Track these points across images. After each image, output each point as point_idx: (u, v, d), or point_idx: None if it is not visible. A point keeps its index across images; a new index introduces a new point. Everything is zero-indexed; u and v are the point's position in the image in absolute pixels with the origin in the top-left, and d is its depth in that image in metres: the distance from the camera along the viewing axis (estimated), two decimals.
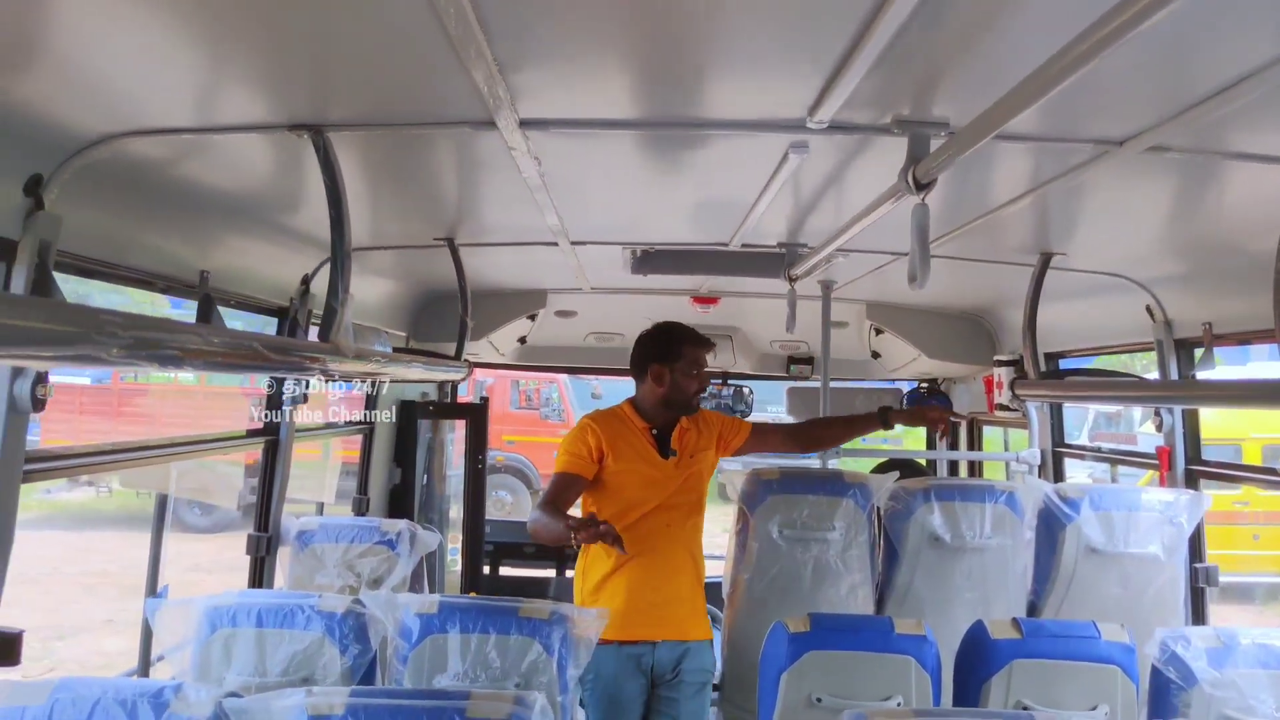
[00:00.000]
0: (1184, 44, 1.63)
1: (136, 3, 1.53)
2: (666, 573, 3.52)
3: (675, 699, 3.50)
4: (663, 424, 3.63)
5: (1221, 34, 1.58)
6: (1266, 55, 1.63)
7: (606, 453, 3.53)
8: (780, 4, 1.56)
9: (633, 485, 3.53)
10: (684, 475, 3.59)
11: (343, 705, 1.92)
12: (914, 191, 2.05)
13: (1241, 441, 12.32)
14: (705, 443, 3.67)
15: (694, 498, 3.64)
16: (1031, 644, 2.79)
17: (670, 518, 3.56)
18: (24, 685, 1.98)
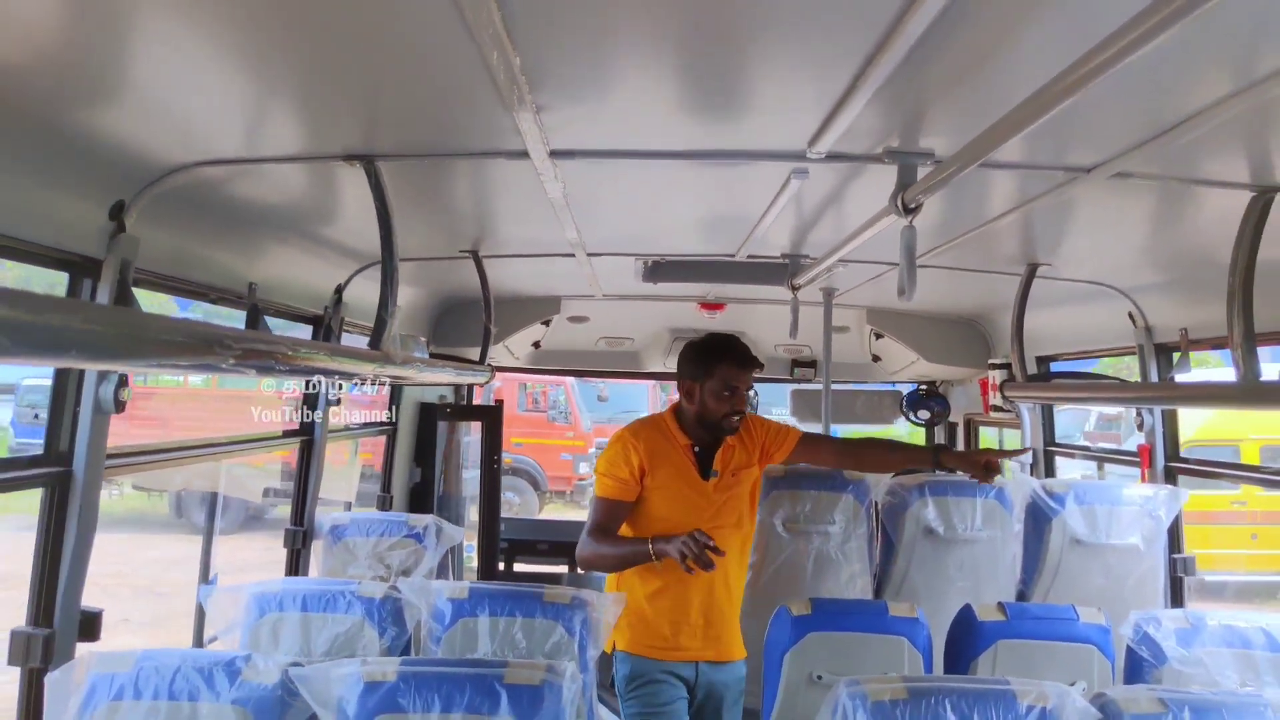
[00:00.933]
0: (1144, 83, 1.85)
1: (214, 47, 1.76)
2: (706, 595, 3.39)
3: (716, 711, 3.45)
4: (707, 441, 3.46)
5: (1177, 74, 1.80)
6: (1216, 94, 1.86)
7: (646, 471, 3.40)
8: (785, 51, 1.79)
9: (669, 505, 3.39)
10: (725, 497, 3.43)
11: (394, 673, 2.16)
12: (902, 215, 2.29)
13: (1240, 442, 12.51)
14: (748, 459, 3.51)
15: (735, 518, 3.46)
16: (1015, 625, 3.02)
17: (716, 540, 3.27)
18: (111, 655, 2.22)
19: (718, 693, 3.43)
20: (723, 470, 3.43)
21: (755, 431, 3.54)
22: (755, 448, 3.52)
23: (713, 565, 3.07)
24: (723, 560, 3.26)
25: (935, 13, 1.46)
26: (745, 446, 3.50)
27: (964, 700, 2.16)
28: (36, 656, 2.29)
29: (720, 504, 3.42)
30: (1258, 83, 1.72)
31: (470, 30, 1.57)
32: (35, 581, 2.36)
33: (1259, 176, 2.38)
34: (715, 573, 3.28)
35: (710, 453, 3.44)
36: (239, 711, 2.15)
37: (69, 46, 1.71)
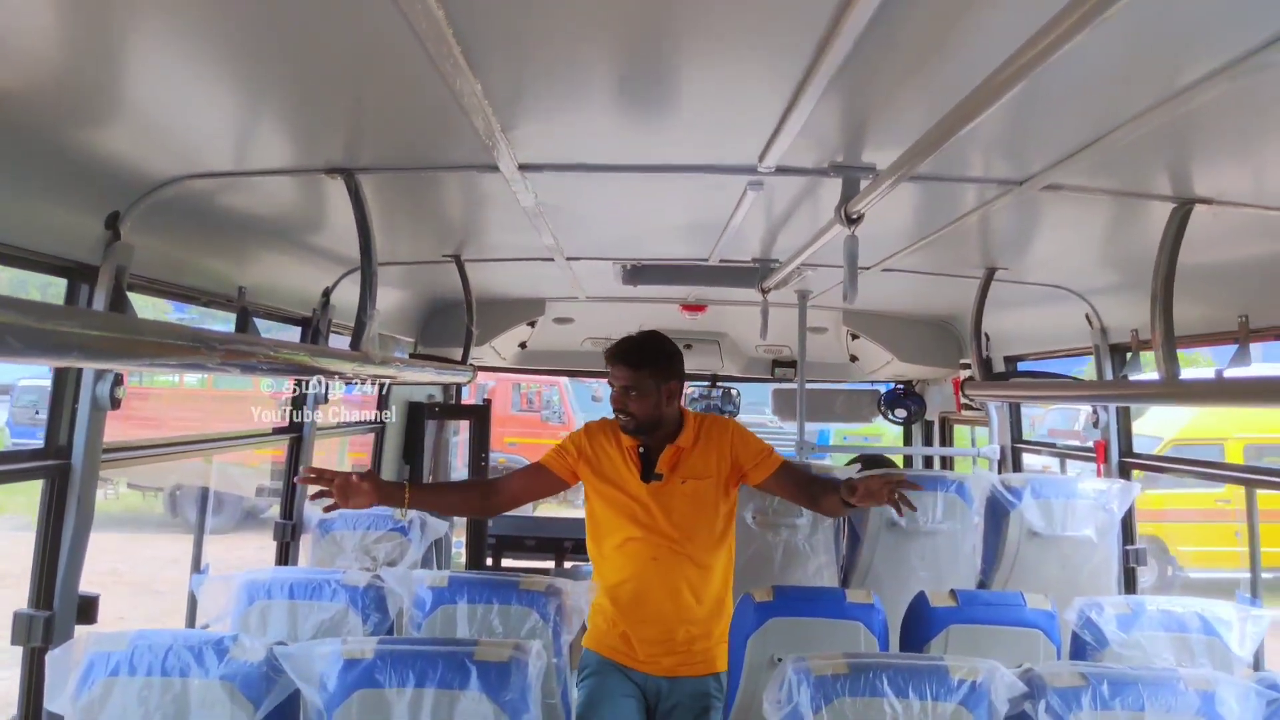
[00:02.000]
0: (1068, 101, 2.00)
1: (203, 68, 1.91)
2: (662, 610, 3.28)
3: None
4: (655, 442, 3.35)
5: (1098, 93, 1.95)
6: (1133, 110, 2.01)
7: (590, 468, 3.36)
8: (727, 73, 1.94)
9: (608, 507, 3.34)
10: (673, 503, 3.30)
11: (372, 650, 2.33)
12: (846, 225, 2.46)
13: (1224, 441, 12.69)
14: (709, 468, 3.34)
15: (692, 528, 3.30)
16: (966, 611, 3.18)
17: (658, 551, 3.28)
18: (107, 635, 2.38)
19: (677, 708, 3.30)
20: (668, 473, 3.31)
21: (729, 441, 3.37)
22: (723, 458, 3.35)
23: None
24: (677, 573, 3.22)
25: (858, 35, 1.57)
26: (705, 454, 3.34)
27: (900, 675, 2.32)
28: (38, 636, 2.47)
29: (664, 508, 3.29)
30: (1170, 99, 1.85)
31: (432, 60, 1.73)
32: (36, 567, 2.53)
33: (1178, 190, 2.55)
34: (678, 581, 3.23)
35: (657, 454, 3.33)
36: (227, 687, 2.31)
37: (67, 69, 1.86)
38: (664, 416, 3.33)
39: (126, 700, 2.28)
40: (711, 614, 3.34)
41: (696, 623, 3.31)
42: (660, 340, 3.45)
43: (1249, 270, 3.12)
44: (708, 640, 3.34)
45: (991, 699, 2.32)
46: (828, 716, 2.28)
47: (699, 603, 3.31)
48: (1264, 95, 1.83)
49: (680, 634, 3.30)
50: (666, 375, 3.34)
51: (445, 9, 1.53)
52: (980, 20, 1.58)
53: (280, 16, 1.64)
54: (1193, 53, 1.69)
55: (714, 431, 3.38)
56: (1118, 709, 2.31)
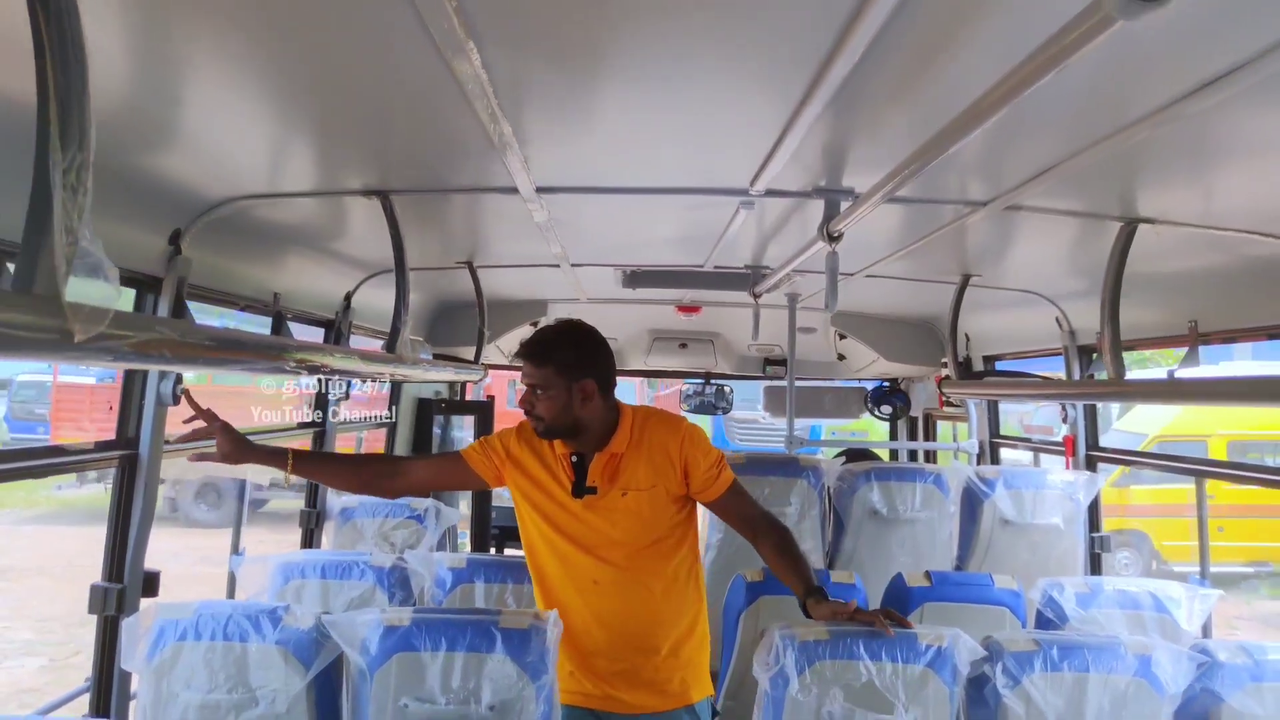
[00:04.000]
0: (1024, 132, 2.28)
1: (256, 103, 2.18)
2: (612, 640, 2.87)
3: None
4: (588, 448, 2.90)
5: (1051, 126, 2.23)
6: (1084, 142, 2.28)
7: (517, 468, 2.96)
8: (724, 113, 2.23)
9: (541, 522, 2.92)
10: (609, 518, 2.87)
11: (409, 619, 2.63)
12: (827, 242, 2.77)
13: (1208, 438, 13.03)
14: (651, 476, 2.88)
15: (635, 546, 2.88)
16: (939, 590, 3.49)
17: (598, 572, 2.87)
18: (174, 605, 2.68)
19: None
20: (604, 485, 2.87)
21: (682, 446, 2.92)
22: (671, 464, 2.90)
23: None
24: (627, 592, 2.86)
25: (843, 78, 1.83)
26: (651, 461, 2.89)
27: (874, 641, 2.63)
28: (111, 606, 2.79)
29: (601, 525, 2.87)
30: (1118, 132, 2.12)
31: (472, 106, 2.03)
32: (108, 545, 2.85)
33: (1124, 210, 2.87)
34: (629, 605, 2.86)
35: (589, 463, 2.90)
36: (281, 651, 2.61)
37: (140, 104, 2.13)
38: (581, 420, 2.85)
39: (193, 662, 2.59)
40: (680, 636, 2.94)
41: (658, 650, 2.89)
42: (573, 332, 2.94)
43: (1198, 280, 3.43)
44: (677, 668, 2.93)
45: (955, 662, 2.63)
46: (810, 677, 2.59)
47: (658, 626, 2.90)
48: (1200, 129, 2.10)
49: (640, 664, 2.88)
50: (578, 372, 2.84)
51: (489, 71, 1.83)
52: (952, 61, 1.82)
53: (335, 64, 1.93)
54: (1139, 92, 1.94)
55: (658, 432, 2.92)
56: (1065, 670, 2.62)
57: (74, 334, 1.27)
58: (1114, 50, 1.72)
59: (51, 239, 1.23)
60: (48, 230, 1.23)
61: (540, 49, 1.85)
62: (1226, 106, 1.87)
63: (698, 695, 2.96)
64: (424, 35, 1.65)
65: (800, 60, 1.82)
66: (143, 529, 2.85)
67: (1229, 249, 2.98)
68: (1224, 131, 2.15)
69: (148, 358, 1.71)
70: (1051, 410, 12.14)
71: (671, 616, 2.93)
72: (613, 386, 2.94)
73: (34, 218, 1.24)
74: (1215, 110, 1.89)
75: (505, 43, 1.76)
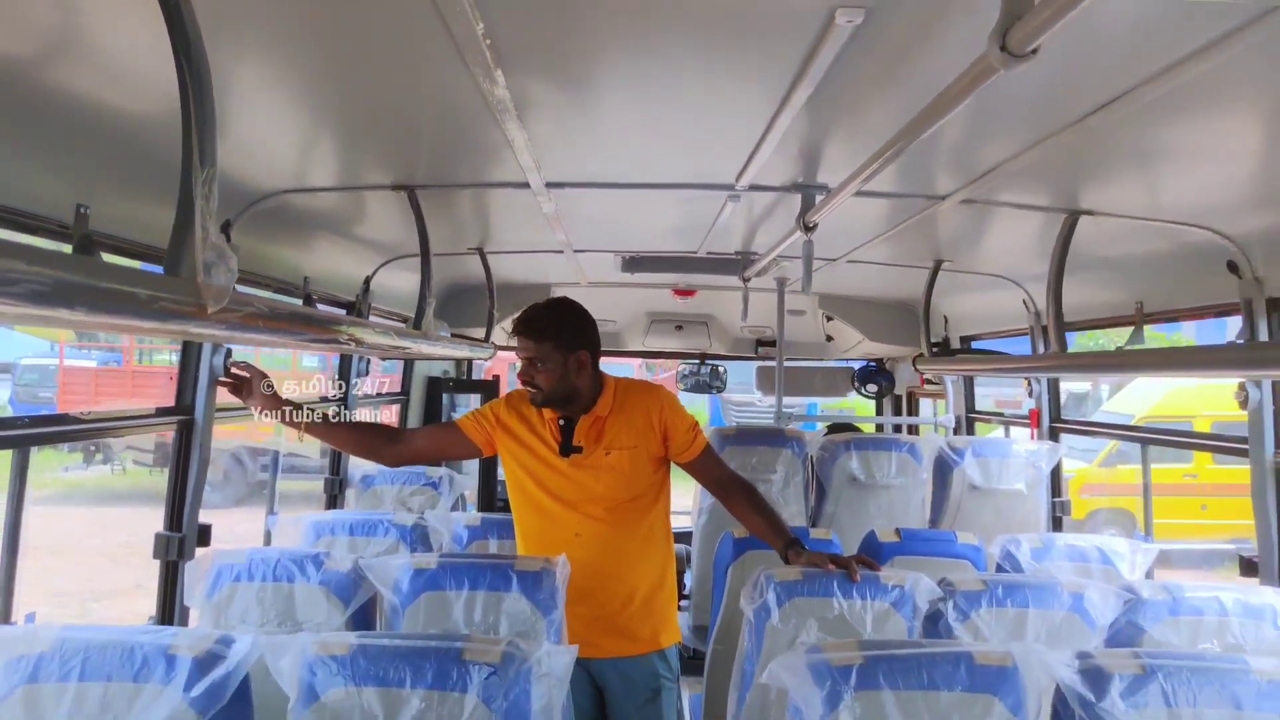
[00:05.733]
0: (975, 134, 2.61)
1: (299, 109, 2.52)
2: (592, 589, 3.15)
3: (621, 712, 3.24)
4: (575, 413, 3.20)
5: (998, 127, 2.55)
6: (1027, 141, 2.60)
7: (506, 437, 3.24)
8: (711, 120, 2.58)
9: (528, 480, 3.21)
10: (594, 475, 3.17)
11: (436, 563, 2.99)
12: (804, 232, 3.13)
13: (1193, 418, 13.39)
14: (633, 436, 3.18)
15: (615, 501, 3.18)
16: (907, 545, 3.85)
17: (580, 526, 3.16)
18: (229, 551, 3.03)
19: (626, 689, 3.23)
20: (589, 445, 3.17)
21: (661, 409, 3.23)
22: (650, 426, 3.21)
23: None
24: (605, 544, 3.14)
25: (815, 85, 2.13)
26: (632, 423, 3.19)
27: (845, 582, 3.00)
28: (173, 552, 3.17)
29: (585, 481, 3.17)
30: (1057, 133, 2.44)
31: (494, 116, 2.39)
32: (169, 499, 3.23)
33: (1066, 204, 3.23)
34: (607, 556, 3.15)
35: (574, 425, 3.20)
36: (324, 590, 2.98)
37: None
38: (576, 388, 3.16)
39: (247, 600, 2.95)
40: (652, 588, 3.24)
41: (632, 599, 3.20)
42: (566, 309, 3.23)
43: (1142, 265, 3.80)
44: (648, 616, 3.23)
45: (915, 599, 3.00)
46: (789, 610, 2.96)
47: (632, 576, 3.21)
48: (1132, 130, 2.41)
49: (616, 611, 3.19)
50: (573, 344, 3.14)
51: (510, 88, 2.19)
52: (909, 74, 2.11)
53: (376, 82, 2.27)
54: (1076, 97, 2.23)
55: (638, 397, 3.23)
56: (1009, 606, 2.99)
57: (207, 308, 1.64)
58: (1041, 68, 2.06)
59: (193, 235, 1.59)
60: (190, 228, 1.60)
61: (553, 68, 2.20)
62: (1147, 114, 2.21)
63: (667, 641, 3.28)
64: (458, 61, 2.00)
65: (776, 73, 2.16)
66: (198, 484, 3.22)
67: (1170, 236, 3.33)
68: (1148, 137, 2.50)
69: (249, 329, 2.06)
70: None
71: (644, 569, 3.23)
72: (600, 357, 3.24)
73: (180, 219, 1.61)
74: (1136, 117, 2.23)
75: (524, 63, 2.11)
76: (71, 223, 2.23)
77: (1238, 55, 1.78)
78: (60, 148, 2.18)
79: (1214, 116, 2.29)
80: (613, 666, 3.21)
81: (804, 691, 2.17)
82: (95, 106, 2.10)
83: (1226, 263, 3.17)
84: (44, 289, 1.18)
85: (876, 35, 1.86)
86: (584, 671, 3.17)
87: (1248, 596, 2.99)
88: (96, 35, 1.83)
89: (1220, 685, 2.17)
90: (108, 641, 2.09)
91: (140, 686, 2.05)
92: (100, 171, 2.34)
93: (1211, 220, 3.10)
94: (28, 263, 1.15)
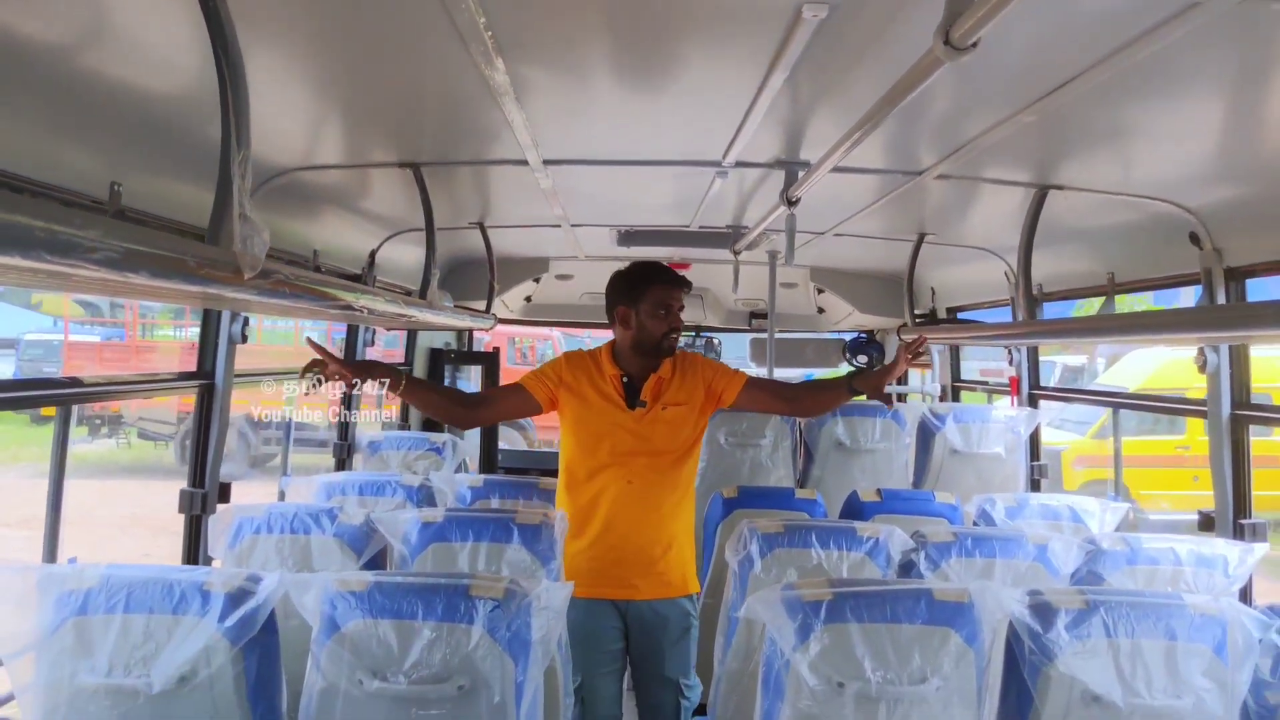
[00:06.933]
0: (946, 113, 2.81)
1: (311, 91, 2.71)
2: (634, 534, 3.41)
3: (655, 648, 3.45)
4: (637, 371, 3.48)
5: (968, 107, 2.73)
6: (995, 119, 2.78)
7: (571, 395, 3.46)
8: (697, 99, 2.77)
9: (590, 433, 3.45)
10: (651, 428, 3.44)
11: (442, 516, 3.21)
12: (787, 206, 3.33)
13: (1185, 390, 13.52)
14: (686, 395, 3.49)
15: (663, 450, 3.45)
16: (888, 504, 4.07)
17: (634, 474, 3.41)
18: (249, 506, 3.25)
19: (656, 628, 3.43)
20: (651, 402, 3.45)
21: (702, 371, 3.55)
22: (699, 387, 3.51)
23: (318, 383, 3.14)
24: (650, 493, 3.40)
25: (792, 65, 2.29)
26: (685, 384, 3.50)
27: (823, 533, 3.22)
28: (197, 507, 3.39)
29: (643, 433, 3.43)
30: (1024, 109, 2.58)
31: (495, 99, 2.58)
32: (192, 456, 3.43)
33: (1036, 178, 3.43)
34: (652, 504, 3.40)
35: (640, 383, 3.47)
36: (338, 542, 3.19)
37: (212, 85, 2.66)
38: (632, 341, 3.46)
39: (266, 551, 3.17)
40: (684, 536, 3.51)
41: (670, 545, 3.45)
42: (612, 277, 3.57)
43: (1113, 237, 3.99)
44: (680, 562, 3.48)
45: (889, 550, 3.21)
46: (771, 559, 3.18)
47: (671, 524, 3.46)
48: (1096, 108, 2.58)
49: (656, 555, 3.43)
50: (611, 305, 3.51)
51: (510, 72, 2.38)
52: (878, 56, 2.26)
53: (384, 67, 2.46)
54: (1041, 76, 2.38)
55: (690, 364, 3.56)
56: (976, 557, 3.21)
57: (244, 274, 1.84)
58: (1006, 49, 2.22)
59: (231, 210, 1.79)
60: (229, 204, 1.80)
61: (549, 55, 2.39)
62: (1110, 93, 2.38)
63: (693, 587, 3.54)
64: (462, 49, 2.19)
65: (753, 60, 2.34)
66: (219, 444, 3.44)
67: (1136, 210, 3.51)
68: (1112, 115, 2.67)
69: (277, 295, 2.26)
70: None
71: (680, 518, 3.50)
72: None
73: (220, 195, 1.81)
74: (1099, 96, 2.40)
75: (522, 51, 2.30)
76: (106, 199, 2.42)
77: (1192, 34, 1.94)
78: (96, 128, 2.37)
79: (1173, 96, 2.48)
80: (649, 608, 3.43)
81: (778, 624, 2.39)
82: (128, 89, 2.29)
83: (1189, 234, 3.36)
84: (116, 256, 1.38)
85: (842, 27, 2.05)
86: (617, 614, 3.42)
87: (1200, 547, 3.20)
88: (130, 22, 2.01)
89: (1157, 619, 2.38)
90: (148, 578, 2.30)
91: (179, 618, 2.26)
92: (133, 150, 2.53)
93: (1173, 194, 3.29)
94: (103, 234, 1.34)
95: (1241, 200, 3.11)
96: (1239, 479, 3.42)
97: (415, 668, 2.30)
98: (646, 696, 3.50)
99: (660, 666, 3.44)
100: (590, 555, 3.42)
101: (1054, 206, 3.75)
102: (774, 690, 2.46)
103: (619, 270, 3.57)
